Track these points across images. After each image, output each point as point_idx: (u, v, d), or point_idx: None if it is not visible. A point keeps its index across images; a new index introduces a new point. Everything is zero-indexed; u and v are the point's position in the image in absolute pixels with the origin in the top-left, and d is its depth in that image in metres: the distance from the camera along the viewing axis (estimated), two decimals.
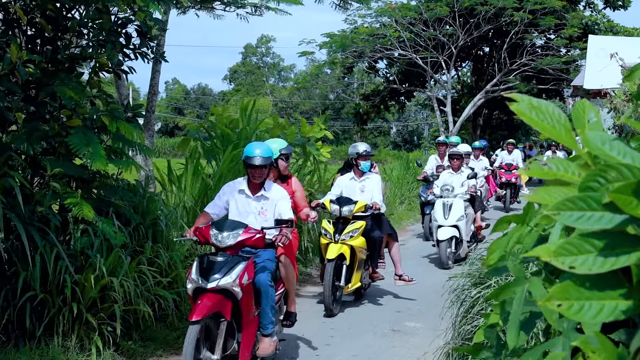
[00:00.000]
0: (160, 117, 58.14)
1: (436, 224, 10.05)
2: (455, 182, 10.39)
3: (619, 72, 6.79)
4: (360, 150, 7.63)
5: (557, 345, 1.13)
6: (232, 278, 4.61)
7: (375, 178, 7.75)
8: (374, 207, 7.30)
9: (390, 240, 7.92)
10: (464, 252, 10.12)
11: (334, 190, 7.72)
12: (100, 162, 5.24)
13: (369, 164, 7.70)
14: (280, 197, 5.35)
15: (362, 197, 7.55)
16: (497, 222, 1.38)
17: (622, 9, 25.37)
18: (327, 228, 7.27)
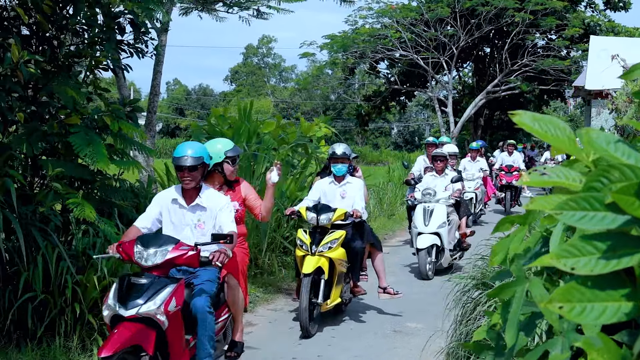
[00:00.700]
0: (161, 117, 58.16)
1: (416, 231, 9.27)
2: (439, 185, 9.67)
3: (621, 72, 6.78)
4: (338, 152, 6.87)
5: (557, 345, 1.13)
6: (156, 304, 3.92)
7: (358, 183, 6.99)
8: (355, 215, 6.56)
9: (373, 250, 7.16)
10: (446, 262, 9.42)
11: (312, 196, 6.95)
12: (102, 162, 5.25)
13: (344, 168, 6.90)
14: (220, 206, 4.64)
15: (342, 203, 6.82)
16: (499, 223, 1.38)
17: (622, 10, 25.37)
18: (303, 239, 6.48)
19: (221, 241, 4.28)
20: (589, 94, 15.16)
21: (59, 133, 5.43)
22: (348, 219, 6.63)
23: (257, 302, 7.47)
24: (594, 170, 1.09)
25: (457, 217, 9.68)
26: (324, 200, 6.88)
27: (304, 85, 34.21)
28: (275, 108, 61.07)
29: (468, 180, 14.39)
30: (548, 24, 22.41)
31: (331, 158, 6.94)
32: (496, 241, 4.39)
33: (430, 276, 8.94)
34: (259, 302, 7.47)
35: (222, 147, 5.35)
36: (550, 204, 1.10)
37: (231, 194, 5.29)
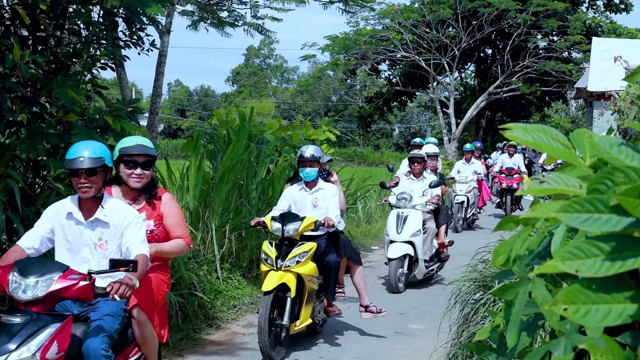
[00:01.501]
0: (162, 118, 58.24)
1: (388, 239, 8.47)
2: (415, 190, 8.84)
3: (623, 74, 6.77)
4: (306, 154, 6.06)
5: (559, 346, 1.13)
6: (31, 350, 3.12)
7: (331, 189, 6.23)
8: (327, 225, 5.84)
9: (352, 264, 6.47)
10: (420, 274, 8.59)
11: (280, 205, 6.24)
12: None
13: (314, 172, 6.11)
14: (128, 221, 3.76)
15: (314, 213, 6.10)
16: (501, 221, 1.38)
17: (624, 11, 25.37)
18: (267, 252, 5.77)
19: (122, 269, 3.39)
20: (591, 96, 15.17)
21: (60, 134, 5.44)
22: (319, 229, 5.92)
23: (258, 303, 7.47)
24: (597, 173, 1.09)
25: (434, 225, 8.83)
26: (294, 209, 6.18)
27: (305, 87, 34.20)
28: (277, 109, 61.12)
29: (461, 182, 14.07)
30: (550, 25, 22.42)
31: (299, 161, 6.18)
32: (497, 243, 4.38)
33: (401, 289, 8.24)
34: (260, 303, 7.47)
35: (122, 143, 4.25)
36: (552, 211, 1.11)
37: (148, 210, 4.21)
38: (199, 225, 7.76)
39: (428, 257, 8.69)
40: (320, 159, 6.15)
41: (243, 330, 6.56)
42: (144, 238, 3.80)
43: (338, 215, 6.11)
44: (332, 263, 6.01)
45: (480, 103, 24.54)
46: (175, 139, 54.94)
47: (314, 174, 6.13)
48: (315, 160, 6.10)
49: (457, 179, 14.27)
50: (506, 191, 15.62)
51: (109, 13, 5.86)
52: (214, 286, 7.21)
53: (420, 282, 8.79)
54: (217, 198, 8.01)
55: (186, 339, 6.02)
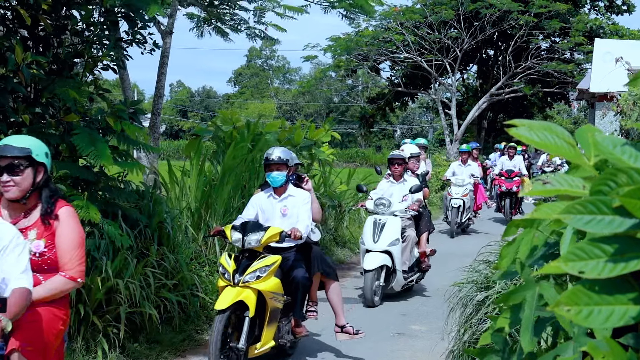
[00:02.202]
0: (164, 119, 58.29)
1: (363, 248, 7.76)
2: (395, 194, 8.14)
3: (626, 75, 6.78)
4: (272, 156, 5.46)
5: (568, 350, 1.13)
6: None
7: (303, 196, 5.61)
8: (293, 236, 5.19)
9: (326, 280, 5.81)
10: (398, 286, 7.84)
11: (246, 212, 5.64)
12: (106, 160, 5.26)
13: (281, 177, 5.50)
14: (3, 245, 2.98)
15: (283, 222, 5.49)
16: (507, 228, 1.38)
17: (626, 13, 25.37)
18: (225, 265, 5.12)
19: None
20: (593, 97, 15.17)
21: (61, 134, 5.45)
22: (284, 240, 5.25)
23: None
24: (600, 174, 1.09)
25: (414, 233, 8.09)
26: (262, 218, 5.58)
27: (307, 88, 34.25)
28: (279, 110, 61.15)
29: (456, 185, 13.42)
30: (552, 26, 22.42)
31: (265, 165, 5.56)
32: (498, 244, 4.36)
33: (377, 302, 7.53)
34: None
35: None
36: (555, 211, 1.11)
37: (40, 227, 3.39)
38: (200, 226, 7.78)
39: (407, 267, 7.95)
40: (288, 162, 5.51)
41: None
42: (26, 266, 3.01)
43: (309, 226, 5.46)
44: (299, 279, 5.35)
45: (482, 104, 24.54)
46: (177, 140, 54.99)
47: (282, 178, 5.52)
48: (283, 163, 5.47)
49: (453, 181, 13.61)
50: (505, 194, 14.99)
51: (109, 12, 5.87)
52: (216, 287, 7.21)
53: (421, 282, 8.79)
54: (219, 199, 8.01)
55: (188, 339, 6.02)
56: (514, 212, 14.96)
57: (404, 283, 7.90)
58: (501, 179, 15.15)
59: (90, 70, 5.96)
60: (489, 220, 15.76)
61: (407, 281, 7.96)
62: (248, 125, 9.73)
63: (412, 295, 8.19)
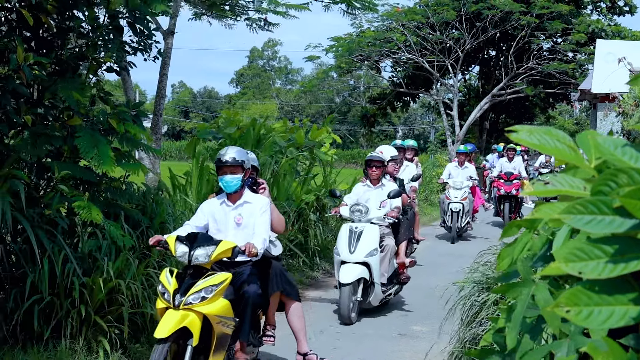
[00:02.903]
0: (166, 120, 58.34)
1: (338, 259, 7.01)
2: (373, 200, 7.42)
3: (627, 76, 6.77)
4: (226, 157, 4.82)
5: (562, 347, 1.13)
6: None
7: (260, 204, 4.91)
8: (248, 252, 4.49)
9: (287, 300, 5.19)
10: (376, 300, 7.11)
11: (195, 220, 4.99)
12: (108, 165, 5.27)
13: (236, 181, 4.84)
14: None
15: (237, 234, 4.84)
16: (505, 228, 1.39)
17: (628, 14, 25.36)
18: (165, 283, 4.39)
19: None
20: (595, 97, 15.15)
21: (63, 136, 5.46)
22: (237, 256, 4.55)
23: None
24: (601, 174, 1.10)
25: (393, 242, 7.36)
26: (213, 228, 4.95)
27: (308, 88, 34.28)
28: (281, 111, 61.16)
29: (454, 189, 12.78)
30: (554, 27, 22.42)
31: (217, 167, 4.93)
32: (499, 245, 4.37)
33: (354, 319, 6.83)
34: None
35: None
36: (555, 211, 1.11)
37: None
38: None
39: (386, 279, 7.22)
40: (244, 164, 4.86)
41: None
42: None
43: (266, 240, 4.79)
44: (250, 294, 4.64)
45: (484, 105, 24.53)
46: (178, 141, 55.06)
47: (237, 182, 4.84)
48: (238, 164, 4.82)
49: (450, 184, 12.94)
50: (504, 198, 14.45)
51: (114, 17, 5.88)
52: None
53: (423, 283, 8.77)
54: None
55: None
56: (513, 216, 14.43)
57: (383, 297, 7.17)
58: (500, 182, 14.63)
59: (94, 72, 5.98)
60: (487, 224, 15.33)
61: (385, 295, 7.22)
62: (253, 125, 9.75)
63: (414, 295, 8.18)
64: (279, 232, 5.37)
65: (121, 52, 5.95)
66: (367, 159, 7.64)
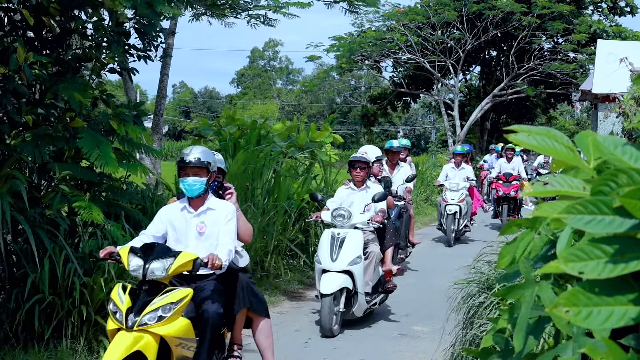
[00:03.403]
0: (167, 120, 58.38)
1: (319, 268, 6.54)
2: (356, 203, 6.97)
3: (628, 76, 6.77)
4: (190, 157, 4.34)
5: (567, 350, 1.13)
6: None
7: (226, 211, 4.42)
8: (211, 265, 4.02)
9: (254, 317, 4.76)
10: (360, 310, 6.63)
11: (152, 228, 4.46)
12: (111, 166, 5.28)
13: (199, 184, 4.35)
14: None
15: (199, 244, 4.36)
16: (506, 225, 1.39)
17: (629, 14, 25.35)
18: (116, 301, 3.91)
19: None
20: (596, 98, 15.14)
21: (65, 137, 5.46)
22: (199, 269, 4.06)
23: None
24: (601, 174, 1.10)
25: (378, 249, 6.86)
26: (172, 237, 4.45)
27: (309, 88, 34.30)
28: (281, 111, 61.19)
29: (451, 190, 12.38)
30: (555, 27, 22.42)
31: (179, 168, 4.43)
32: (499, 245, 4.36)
33: (335, 331, 6.36)
34: None
35: None
36: (557, 210, 1.11)
37: None
38: None
39: (370, 288, 6.75)
40: (210, 166, 4.38)
41: (247, 331, 6.56)
42: None
43: (232, 251, 4.30)
44: (210, 313, 4.17)
45: (484, 105, 24.53)
46: (179, 141, 55.06)
47: (200, 186, 4.35)
48: (203, 166, 4.34)
49: (447, 186, 12.55)
50: (503, 199, 14.05)
51: (120, 24, 5.90)
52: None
53: (424, 284, 8.77)
54: None
55: None
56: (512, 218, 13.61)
57: (367, 307, 6.70)
58: (499, 183, 14.22)
59: (98, 74, 5.99)
60: (486, 226, 14.93)
61: (369, 305, 6.74)
62: (254, 126, 9.76)
63: (415, 296, 8.18)
64: (246, 241, 4.90)
65: (123, 55, 5.96)
66: (350, 159, 7.14)
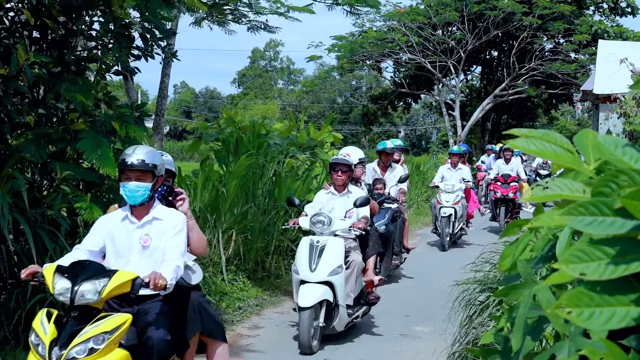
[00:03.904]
0: (168, 120, 58.42)
1: (297, 279, 6.02)
2: (337, 209, 6.51)
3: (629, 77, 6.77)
4: (132, 158, 3.78)
5: (563, 349, 1.13)
6: None
7: (175, 221, 3.88)
8: (153, 285, 3.44)
9: (209, 342, 4.24)
10: (341, 325, 6.09)
11: (88, 242, 3.87)
12: (109, 167, 5.28)
13: (145, 190, 3.78)
14: None
15: (141, 259, 3.78)
16: (507, 226, 1.38)
17: (630, 15, 25.35)
18: (39, 332, 3.31)
19: None
20: (597, 98, 15.13)
21: (65, 138, 5.47)
22: (135, 289, 3.44)
23: (264, 305, 7.48)
24: (602, 175, 1.10)
25: (360, 258, 6.34)
26: (112, 251, 3.84)
27: (310, 88, 34.33)
28: (282, 111, 61.21)
29: (446, 192, 11.85)
30: (556, 28, 22.42)
31: (120, 171, 3.86)
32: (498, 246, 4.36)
33: (315, 348, 5.85)
34: (265, 305, 7.48)
35: None
36: (554, 219, 1.11)
37: None
38: (205, 228, 7.81)
39: (352, 300, 6.23)
40: (156, 169, 3.81)
41: (248, 332, 6.57)
42: None
43: (180, 267, 3.69)
44: (154, 341, 3.56)
45: (486, 105, 24.53)
46: (180, 141, 55.07)
47: (144, 192, 3.78)
48: (148, 169, 3.77)
49: (442, 187, 12.01)
50: (501, 201, 13.56)
51: (125, 26, 5.91)
52: (219, 288, 7.24)
53: (425, 284, 8.75)
54: (224, 203, 8.06)
55: None
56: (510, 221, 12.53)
57: (348, 321, 6.18)
58: (497, 185, 13.73)
59: (102, 76, 6.00)
60: (484, 230, 14.35)
61: (351, 318, 6.22)
62: (253, 126, 9.76)
63: (416, 295, 8.18)
64: (199, 255, 4.32)
65: (126, 56, 5.96)
66: (331, 161, 6.65)
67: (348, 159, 6.66)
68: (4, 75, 5.09)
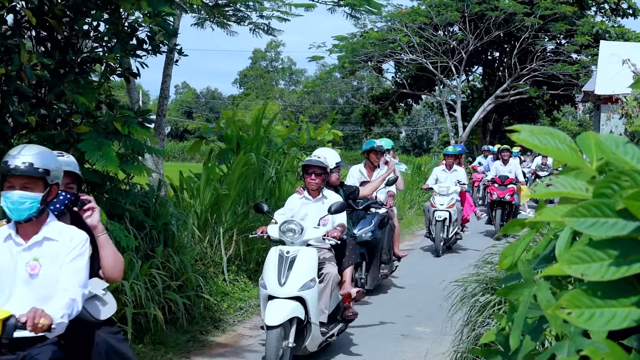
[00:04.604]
0: (170, 120, 58.41)
1: (265, 294, 5.33)
2: (310, 215, 5.90)
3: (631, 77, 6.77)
4: (17, 161, 2.99)
5: (564, 349, 1.13)
6: None
7: (74, 242, 3.09)
8: (34, 327, 2.71)
9: None
10: (314, 345, 5.48)
11: None
12: (112, 165, 5.28)
13: (33, 203, 3.00)
14: None
15: (28, 292, 3.00)
16: (507, 224, 1.38)
17: (631, 16, 25.33)
18: None
19: None
20: (599, 99, 15.13)
21: (69, 141, 5.48)
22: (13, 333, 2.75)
23: None
24: (604, 177, 1.10)
25: (336, 270, 5.69)
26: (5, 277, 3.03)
27: (312, 88, 34.33)
28: (283, 112, 61.23)
29: (440, 195, 11.28)
30: (557, 28, 22.41)
31: (2, 177, 3.09)
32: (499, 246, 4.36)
33: None
34: None
35: None
36: (559, 214, 1.11)
37: None
38: (206, 228, 7.82)
39: (326, 317, 5.59)
40: (50, 174, 3.05)
41: (249, 332, 6.57)
42: None
43: (76, 301, 2.93)
44: None
45: (487, 106, 24.51)
46: (182, 141, 55.09)
47: (33, 205, 3.01)
48: (38, 176, 3.01)
49: (436, 190, 11.42)
50: (497, 204, 13.09)
51: (134, 28, 5.92)
52: (220, 288, 7.23)
53: (426, 284, 8.72)
54: (225, 203, 8.06)
55: (192, 340, 6.04)
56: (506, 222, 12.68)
57: (322, 340, 5.53)
58: (494, 186, 13.25)
59: (107, 77, 6.01)
60: (480, 234, 13.55)
61: (325, 337, 5.58)
62: (258, 118, 9.80)
63: (417, 295, 8.18)
64: (114, 279, 3.57)
65: (126, 56, 5.97)
66: (304, 163, 6.07)
67: (323, 160, 6.02)
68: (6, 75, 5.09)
